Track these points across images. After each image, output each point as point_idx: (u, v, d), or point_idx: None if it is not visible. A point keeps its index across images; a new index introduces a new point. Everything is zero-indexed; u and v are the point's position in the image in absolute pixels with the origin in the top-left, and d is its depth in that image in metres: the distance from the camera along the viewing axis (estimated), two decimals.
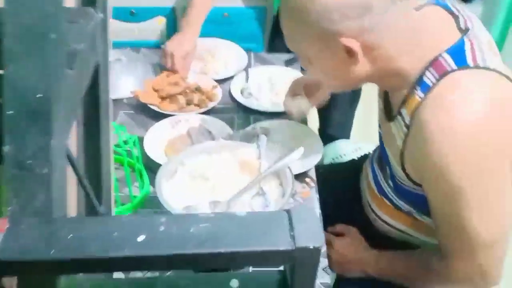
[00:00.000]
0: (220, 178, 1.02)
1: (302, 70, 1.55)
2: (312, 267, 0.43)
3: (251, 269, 0.91)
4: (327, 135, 1.85)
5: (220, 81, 1.45)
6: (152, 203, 1.04)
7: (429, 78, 0.82)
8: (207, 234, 0.41)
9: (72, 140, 0.66)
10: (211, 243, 0.40)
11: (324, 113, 1.88)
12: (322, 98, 1.27)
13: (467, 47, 0.83)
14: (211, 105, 1.34)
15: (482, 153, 0.79)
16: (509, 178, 0.83)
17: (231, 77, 1.47)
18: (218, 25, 1.57)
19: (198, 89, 1.38)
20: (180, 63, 1.44)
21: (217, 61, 1.53)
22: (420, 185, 0.91)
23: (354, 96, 1.85)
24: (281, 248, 0.41)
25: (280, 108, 1.33)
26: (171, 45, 1.44)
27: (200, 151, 1.07)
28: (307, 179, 1.18)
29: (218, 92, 1.38)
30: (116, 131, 1.05)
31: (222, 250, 0.40)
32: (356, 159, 1.49)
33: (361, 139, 1.94)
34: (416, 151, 0.85)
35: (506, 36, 2.44)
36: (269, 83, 1.43)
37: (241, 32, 1.71)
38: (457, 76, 0.80)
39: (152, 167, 1.10)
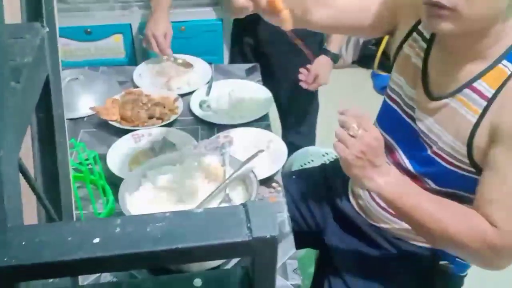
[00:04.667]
0: (185, 187, 1.01)
1: (262, 79, 1.56)
2: (271, 257, 0.44)
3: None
4: (291, 145, 1.87)
5: (184, 94, 1.45)
6: None
7: None
8: (163, 232, 0.41)
9: (29, 157, 0.65)
10: (167, 240, 0.40)
11: (286, 124, 1.91)
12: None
13: None
14: (173, 117, 1.34)
15: None
16: None
17: (194, 90, 1.47)
18: (176, 40, 1.57)
19: (159, 103, 1.37)
20: (163, 42, 1.54)
21: (180, 77, 1.53)
22: (471, 165, 0.92)
23: (313, 105, 1.88)
24: (238, 240, 0.41)
25: (238, 121, 1.34)
26: (148, 29, 1.54)
27: (163, 162, 1.07)
28: (274, 184, 1.19)
29: (180, 105, 1.38)
30: (76, 148, 1.03)
31: (180, 245, 0.40)
32: (327, 162, 1.50)
33: (327, 145, 1.96)
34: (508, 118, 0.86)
35: None
36: (229, 97, 1.44)
37: (200, 46, 1.71)
38: None
39: (117, 184, 1.09)
